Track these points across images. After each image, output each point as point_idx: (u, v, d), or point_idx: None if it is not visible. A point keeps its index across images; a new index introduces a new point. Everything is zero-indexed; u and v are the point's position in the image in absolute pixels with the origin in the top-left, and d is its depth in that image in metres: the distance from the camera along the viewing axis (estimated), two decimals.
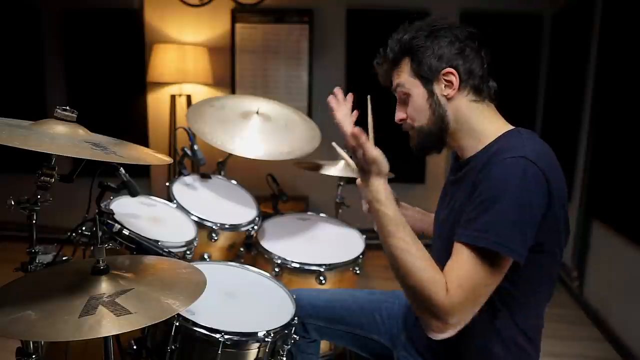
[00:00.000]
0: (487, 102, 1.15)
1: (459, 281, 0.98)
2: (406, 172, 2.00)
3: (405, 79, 1.15)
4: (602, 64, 2.91)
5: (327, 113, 1.21)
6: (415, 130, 1.18)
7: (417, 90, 1.14)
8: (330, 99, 1.23)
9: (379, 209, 1.09)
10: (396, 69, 1.17)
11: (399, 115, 1.20)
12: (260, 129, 2.07)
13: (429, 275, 1.00)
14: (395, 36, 1.16)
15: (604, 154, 2.87)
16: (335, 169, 2.12)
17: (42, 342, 1.18)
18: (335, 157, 2.15)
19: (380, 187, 1.11)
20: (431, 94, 1.13)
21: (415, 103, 1.15)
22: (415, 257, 1.03)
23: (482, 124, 1.14)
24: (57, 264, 1.20)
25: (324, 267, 1.81)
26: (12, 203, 1.11)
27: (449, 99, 1.13)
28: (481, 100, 1.14)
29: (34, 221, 1.14)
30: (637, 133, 2.48)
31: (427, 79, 1.13)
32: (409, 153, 1.22)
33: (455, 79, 1.11)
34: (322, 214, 2.25)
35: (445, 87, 1.13)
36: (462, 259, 0.99)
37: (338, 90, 1.25)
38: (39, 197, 1.11)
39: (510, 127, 1.14)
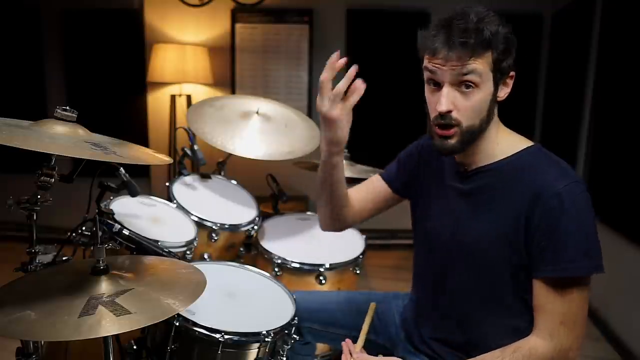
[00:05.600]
0: None
1: (560, 318, 1.00)
2: None
3: (483, 68, 1.02)
4: (602, 64, 2.91)
5: None
6: (463, 128, 1.05)
7: (487, 85, 1.04)
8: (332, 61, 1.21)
9: None
10: (475, 55, 1.02)
11: (448, 104, 1.03)
12: (260, 129, 2.07)
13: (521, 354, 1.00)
14: (482, 24, 1.02)
15: (604, 154, 2.87)
16: None
17: (42, 342, 1.18)
18: None
19: None
20: (495, 92, 1.07)
21: (478, 98, 1.04)
22: None
23: (499, 133, 1.13)
24: (57, 264, 1.20)
25: (324, 267, 1.81)
26: (12, 203, 1.11)
27: (498, 101, 1.09)
28: None
29: (34, 221, 1.14)
30: (637, 133, 2.48)
31: (501, 76, 1.06)
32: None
33: (511, 83, 1.10)
34: None
35: (503, 87, 1.09)
36: (561, 295, 1.01)
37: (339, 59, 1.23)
38: (39, 197, 1.11)
39: (524, 139, 1.14)
